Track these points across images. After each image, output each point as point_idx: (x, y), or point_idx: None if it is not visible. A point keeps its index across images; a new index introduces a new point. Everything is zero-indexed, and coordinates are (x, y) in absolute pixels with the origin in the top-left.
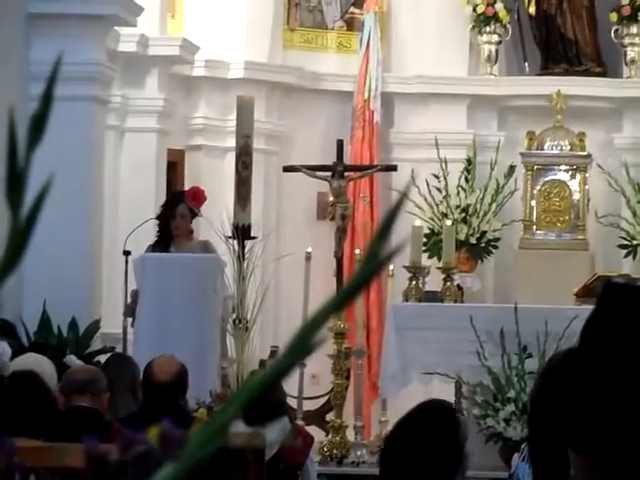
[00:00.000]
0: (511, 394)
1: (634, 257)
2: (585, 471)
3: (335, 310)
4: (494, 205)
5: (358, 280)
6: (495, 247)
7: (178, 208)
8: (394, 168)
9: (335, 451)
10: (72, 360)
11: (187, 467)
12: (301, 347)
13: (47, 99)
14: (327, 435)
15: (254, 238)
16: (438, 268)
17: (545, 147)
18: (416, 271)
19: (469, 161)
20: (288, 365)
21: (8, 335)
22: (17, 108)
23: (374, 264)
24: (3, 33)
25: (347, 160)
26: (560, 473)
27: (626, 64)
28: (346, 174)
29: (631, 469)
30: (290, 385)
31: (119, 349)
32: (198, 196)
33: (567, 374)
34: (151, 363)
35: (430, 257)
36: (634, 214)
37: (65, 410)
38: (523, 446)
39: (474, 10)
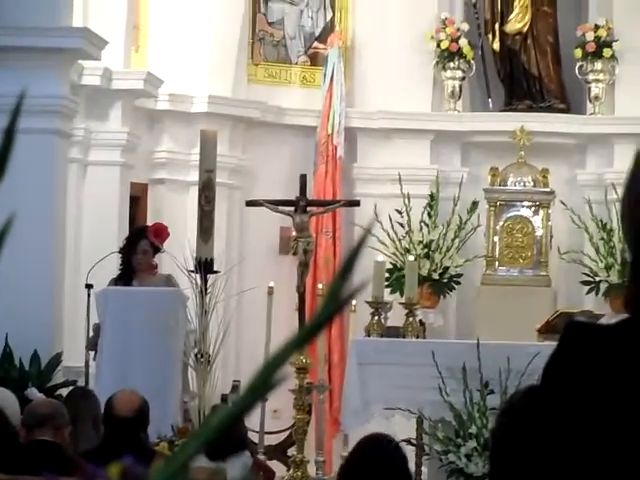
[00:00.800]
0: (473, 430)
1: (597, 293)
2: None
3: (297, 347)
4: (457, 241)
5: (320, 318)
6: (457, 283)
7: (140, 244)
8: (357, 203)
9: None
10: (33, 393)
11: None
12: (263, 384)
13: (10, 134)
14: (288, 470)
15: (217, 272)
16: (400, 303)
17: (508, 183)
18: (378, 306)
19: (432, 197)
20: (250, 402)
21: None
22: None
23: (336, 303)
24: None
25: (310, 195)
26: None
27: (590, 100)
28: (309, 209)
29: None
30: (251, 419)
31: (81, 383)
32: (161, 232)
33: (527, 412)
34: (112, 397)
35: (392, 292)
36: (597, 251)
37: (26, 444)
38: None
39: (438, 46)
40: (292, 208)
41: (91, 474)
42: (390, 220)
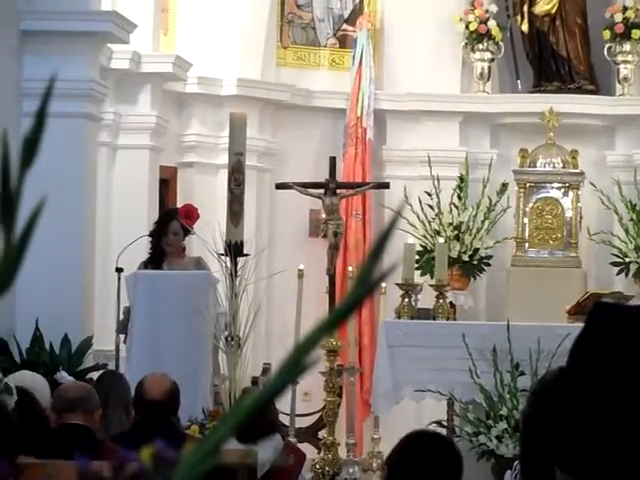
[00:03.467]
0: (503, 412)
1: (626, 274)
2: None
3: (328, 330)
4: (487, 222)
5: (351, 300)
6: (487, 265)
7: (170, 225)
8: (386, 185)
9: (327, 468)
10: (63, 377)
11: None
12: (294, 367)
13: (40, 118)
14: (319, 452)
15: (247, 255)
16: (431, 285)
17: (538, 164)
18: (408, 288)
19: (462, 179)
20: (281, 385)
21: (0, 352)
22: (10, 126)
23: (367, 285)
24: None
25: (339, 177)
26: None
27: (619, 82)
28: (338, 191)
29: None
30: (282, 402)
31: (111, 366)
32: (191, 214)
33: (557, 393)
34: (143, 381)
35: (422, 275)
36: (626, 232)
37: (57, 428)
38: (515, 464)
39: (467, 28)
40: (322, 191)
41: (122, 458)
42: (420, 202)
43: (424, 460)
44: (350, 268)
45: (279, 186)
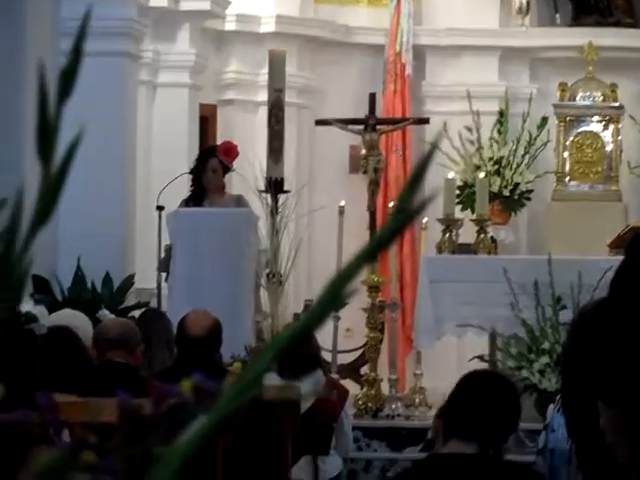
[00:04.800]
0: (545, 346)
1: None
2: (613, 422)
3: (368, 260)
4: (527, 157)
5: (390, 230)
6: (528, 199)
7: (210, 162)
8: (426, 121)
9: (370, 404)
10: (105, 315)
11: (221, 419)
12: (333, 298)
13: (76, 53)
14: (362, 388)
15: (287, 192)
16: (471, 220)
17: (577, 98)
18: (449, 223)
19: (501, 113)
20: (320, 316)
21: (42, 291)
22: (48, 64)
23: (405, 214)
24: None
25: (379, 113)
26: (592, 424)
27: None
28: (378, 127)
29: None
30: (324, 339)
31: (153, 304)
32: (230, 150)
33: (597, 325)
34: (185, 318)
35: (463, 209)
36: None
37: (99, 365)
38: (558, 397)
39: None
40: (361, 126)
41: (164, 392)
42: (460, 137)
43: (484, 399)
44: (391, 204)
45: (319, 122)
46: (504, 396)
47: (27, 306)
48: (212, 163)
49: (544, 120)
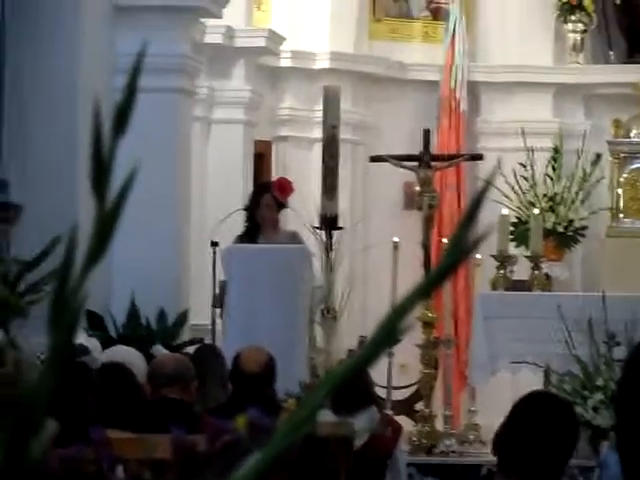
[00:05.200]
0: (599, 382)
1: None
2: None
3: (422, 296)
4: (581, 193)
5: (445, 266)
6: (582, 235)
7: (263, 198)
8: (480, 157)
9: (424, 440)
10: (159, 350)
11: (275, 455)
12: (388, 334)
13: (131, 89)
14: (416, 425)
15: (341, 228)
16: (526, 257)
17: (631, 135)
18: (504, 260)
19: (556, 149)
20: (375, 352)
21: (96, 327)
22: (103, 100)
23: (460, 250)
24: (90, 25)
25: (433, 149)
26: None
27: None
28: (433, 164)
29: None
30: (379, 375)
31: (208, 340)
32: (284, 186)
33: None
34: (240, 353)
35: (517, 246)
36: None
37: (153, 401)
38: (612, 434)
39: None
40: (416, 163)
41: (219, 428)
42: (514, 174)
43: (540, 420)
44: (445, 240)
45: (373, 159)
46: (561, 421)
47: (80, 339)
48: (266, 198)
49: (598, 157)
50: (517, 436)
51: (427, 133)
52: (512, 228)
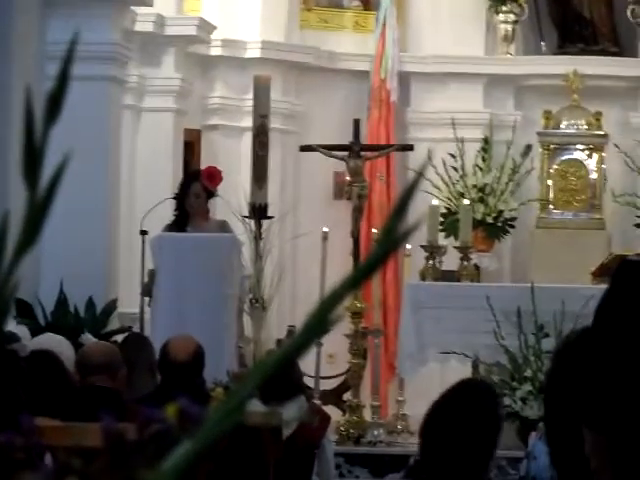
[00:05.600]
0: (528, 373)
1: None
2: (598, 448)
3: (352, 287)
4: (511, 184)
5: (375, 257)
6: (512, 226)
7: (192, 187)
8: (411, 147)
9: (352, 431)
10: (88, 339)
11: (204, 444)
12: (318, 325)
13: (63, 78)
14: (344, 415)
15: (271, 218)
16: (455, 247)
17: (562, 126)
18: (433, 250)
19: (486, 140)
20: (304, 342)
21: (25, 315)
22: (34, 88)
23: (391, 241)
24: (20, 14)
25: (364, 140)
26: (576, 451)
27: None
28: (363, 154)
29: None
30: (307, 365)
31: (136, 329)
32: (213, 175)
33: (581, 352)
34: (168, 343)
35: (447, 237)
36: None
37: (82, 389)
38: (540, 425)
39: None
40: (346, 153)
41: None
42: (444, 164)
43: (462, 408)
44: (374, 230)
45: (303, 148)
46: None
47: (9, 326)
48: (195, 188)
49: (528, 148)
50: (439, 424)
51: (357, 123)
52: (442, 219)
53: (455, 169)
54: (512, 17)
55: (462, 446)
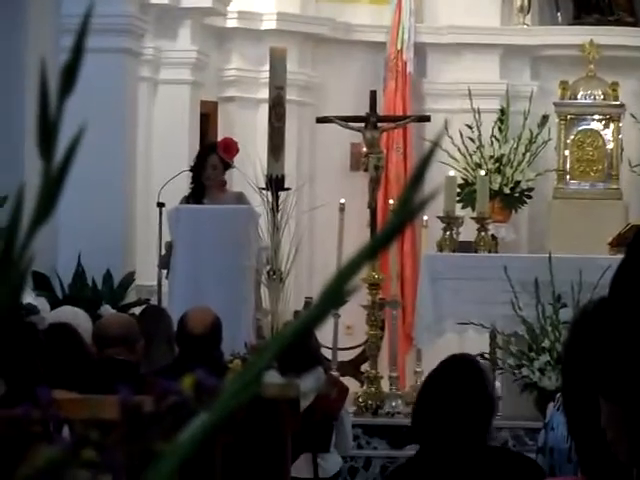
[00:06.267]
0: (546, 344)
1: None
2: (614, 419)
3: (369, 257)
4: (528, 155)
5: (391, 227)
6: (529, 197)
7: (209, 159)
8: (427, 119)
9: (370, 402)
10: (107, 310)
11: (221, 416)
12: (334, 295)
13: (78, 50)
14: (362, 386)
15: (288, 189)
16: (472, 218)
17: (578, 97)
18: (450, 221)
19: (502, 111)
20: (321, 313)
21: (43, 288)
22: (49, 61)
23: (407, 211)
24: None
25: (380, 111)
26: (593, 422)
27: None
28: (379, 125)
29: None
30: (325, 336)
31: (154, 301)
32: (230, 147)
33: (598, 322)
34: (185, 315)
35: (464, 207)
36: None
37: (99, 362)
38: (558, 395)
39: None
40: (362, 124)
41: (165, 389)
42: (461, 135)
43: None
44: (391, 201)
45: (320, 120)
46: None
47: (28, 298)
48: (212, 160)
49: (545, 118)
50: (429, 397)
51: (374, 94)
52: (459, 190)
53: (472, 140)
54: None
55: (451, 417)
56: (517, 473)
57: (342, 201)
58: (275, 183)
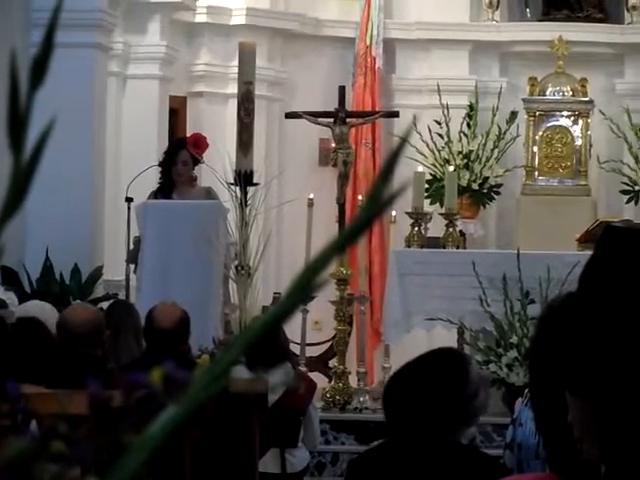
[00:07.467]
0: (514, 340)
1: (636, 203)
2: (581, 415)
3: (337, 252)
4: (496, 151)
5: (359, 222)
6: (497, 193)
7: (179, 154)
8: (396, 114)
9: (338, 397)
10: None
11: (190, 410)
12: (302, 290)
13: (47, 44)
14: (330, 381)
15: (256, 184)
16: (440, 214)
17: (547, 93)
18: (418, 217)
19: (471, 107)
20: (289, 308)
21: (11, 282)
22: (19, 55)
23: (376, 206)
24: None
25: (349, 106)
26: (561, 418)
27: (627, 10)
28: (348, 120)
29: (626, 412)
30: (293, 331)
31: (122, 296)
32: (200, 142)
33: (565, 317)
34: (153, 310)
35: (432, 203)
36: (636, 160)
37: (66, 356)
38: (526, 391)
39: None
40: (331, 119)
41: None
42: (429, 131)
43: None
44: (360, 197)
45: (288, 115)
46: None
47: None
48: (182, 155)
49: (513, 114)
50: (402, 391)
51: (342, 90)
52: (427, 185)
53: (440, 136)
54: None
55: (421, 409)
56: (480, 472)
57: (311, 196)
58: (244, 178)
